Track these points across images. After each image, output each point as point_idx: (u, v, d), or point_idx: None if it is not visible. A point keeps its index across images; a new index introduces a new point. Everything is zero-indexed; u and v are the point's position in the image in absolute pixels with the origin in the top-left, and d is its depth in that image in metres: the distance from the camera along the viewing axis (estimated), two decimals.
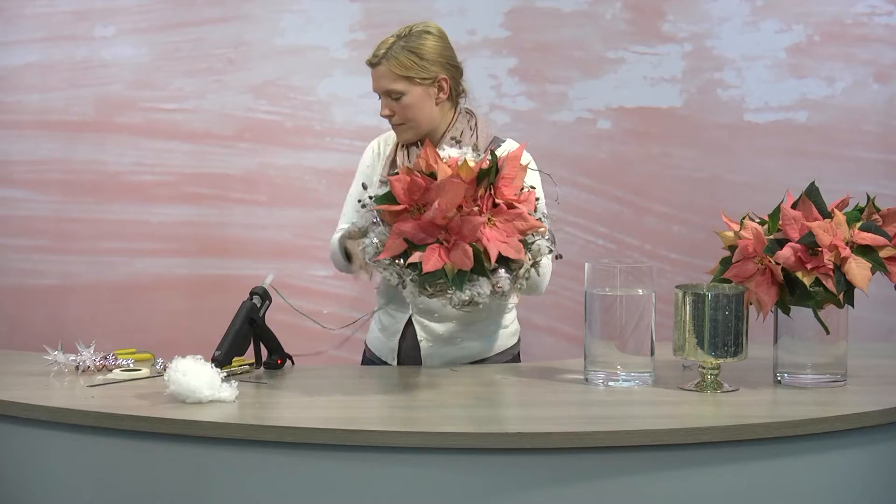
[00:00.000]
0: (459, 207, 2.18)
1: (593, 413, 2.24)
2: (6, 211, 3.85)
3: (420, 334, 2.69)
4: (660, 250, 3.80)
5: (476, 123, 2.70)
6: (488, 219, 2.20)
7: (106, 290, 3.84)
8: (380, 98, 2.66)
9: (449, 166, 2.21)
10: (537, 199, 2.32)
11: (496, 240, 2.19)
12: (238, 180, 3.82)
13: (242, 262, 3.83)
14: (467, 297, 2.19)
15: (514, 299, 2.74)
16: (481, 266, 2.18)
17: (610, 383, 2.38)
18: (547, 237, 2.29)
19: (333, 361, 3.73)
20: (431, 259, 2.17)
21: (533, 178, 2.62)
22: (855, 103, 3.74)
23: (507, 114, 3.78)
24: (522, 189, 2.28)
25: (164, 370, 2.28)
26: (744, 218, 2.44)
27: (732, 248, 2.42)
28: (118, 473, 2.17)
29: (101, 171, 3.82)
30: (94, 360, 2.51)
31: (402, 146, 2.70)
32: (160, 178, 3.82)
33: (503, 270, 2.21)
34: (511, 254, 2.20)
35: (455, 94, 2.68)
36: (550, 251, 2.30)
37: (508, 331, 2.76)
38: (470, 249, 2.17)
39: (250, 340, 2.50)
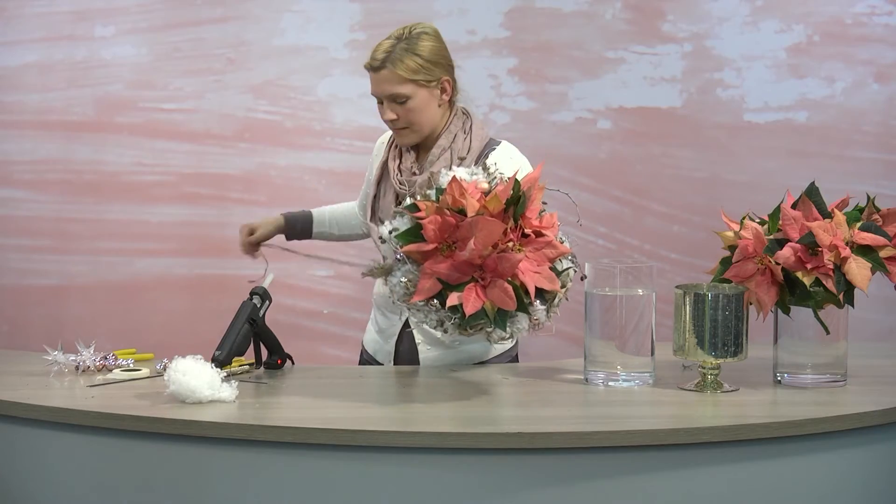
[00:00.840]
0: (495, 245, 2.11)
1: (593, 413, 2.24)
2: (6, 211, 3.85)
3: (418, 337, 2.68)
4: (660, 250, 3.80)
5: (471, 126, 2.68)
6: (518, 249, 2.14)
7: (106, 290, 3.84)
8: (380, 102, 2.62)
9: (477, 200, 2.13)
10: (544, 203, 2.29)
11: (531, 272, 2.13)
12: (238, 180, 3.82)
13: (242, 262, 3.82)
14: (508, 334, 2.15)
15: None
16: (521, 302, 2.12)
17: (610, 383, 2.38)
18: (570, 257, 2.25)
19: (333, 362, 3.74)
20: (470, 300, 2.10)
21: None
22: (855, 103, 3.74)
23: (507, 114, 3.78)
24: (543, 211, 2.23)
25: (164, 370, 2.28)
26: (744, 218, 2.44)
27: (732, 248, 2.42)
28: (118, 473, 2.17)
29: (101, 171, 3.82)
30: (94, 360, 2.51)
31: (395, 149, 2.69)
32: (160, 178, 3.83)
33: (539, 302, 2.17)
34: (546, 285, 2.15)
35: (453, 94, 2.67)
36: (575, 272, 2.26)
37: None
38: (510, 288, 2.10)
39: (250, 340, 2.50)
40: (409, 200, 2.23)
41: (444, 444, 2.03)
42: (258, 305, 2.52)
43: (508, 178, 2.21)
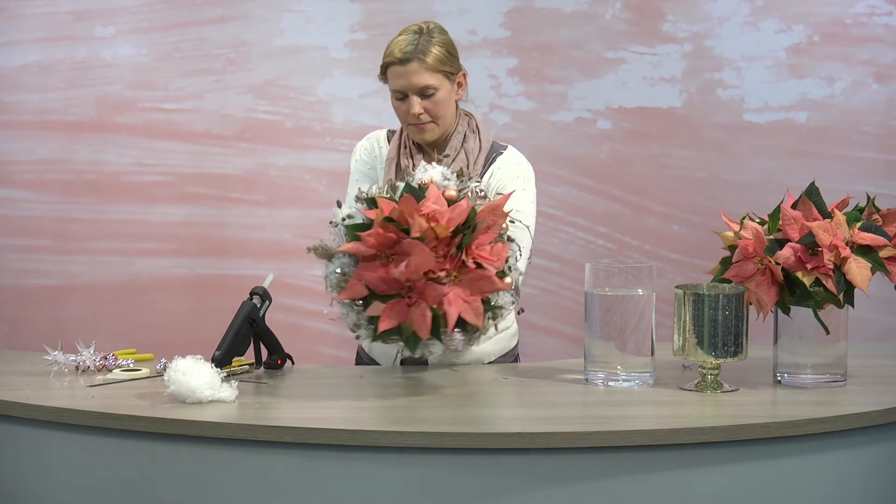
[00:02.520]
0: (427, 272, 2.12)
1: (593, 413, 2.24)
2: (6, 211, 3.85)
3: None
4: (660, 250, 3.80)
5: (476, 126, 2.69)
6: (454, 276, 2.15)
7: (106, 290, 3.84)
8: (401, 98, 2.59)
9: (426, 221, 2.13)
10: (513, 220, 2.27)
11: (458, 301, 2.14)
12: (238, 180, 3.82)
13: (242, 262, 3.83)
14: (418, 355, 2.19)
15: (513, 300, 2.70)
16: (436, 331, 2.15)
17: (610, 383, 2.38)
18: (511, 292, 2.24)
19: (333, 362, 3.74)
20: (386, 316, 2.13)
21: (528, 192, 2.62)
22: (855, 103, 3.74)
23: (507, 114, 3.78)
24: (501, 236, 2.22)
25: (164, 370, 2.28)
26: (744, 218, 2.44)
27: (732, 248, 2.42)
28: (118, 473, 2.17)
29: (101, 171, 3.82)
30: (94, 360, 2.51)
31: (406, 148, 2.68)
32: (160, 178, 3.83)
33: (458, 332, 2.20)
34: (470, 318, 2.15)
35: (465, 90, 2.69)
36: (514, 303, 2.27)
37: (509, 332, 2.76)
38: (429, 315, 2.12)
39: (250, 340, 2.50)
40: (374, 190, 2.25)
41: (444, 444, 2.03)
42: (258, 305, 2.52)
43: (479, 194, 2.23)
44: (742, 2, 3.74)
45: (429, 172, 2.25)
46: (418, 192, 2.21)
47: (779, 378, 2.41)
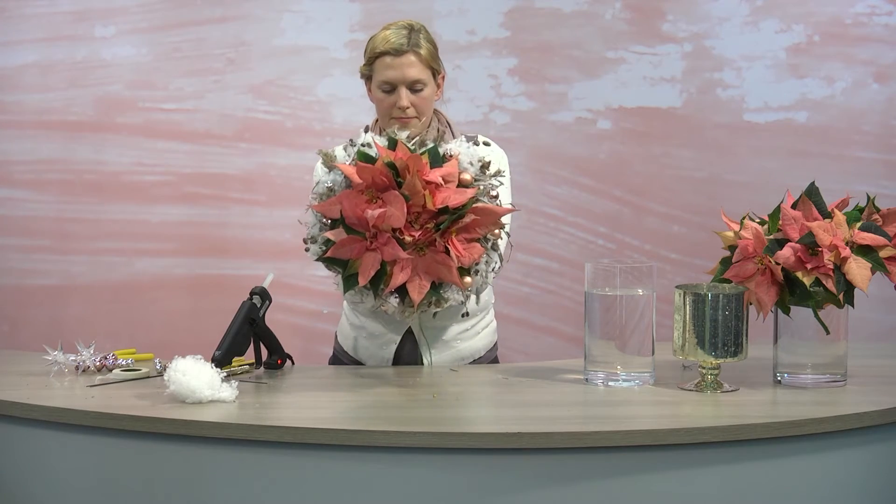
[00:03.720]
0: (394, 230, 2.20)
1: (593, 413, 2.24)
2: (6, 211, 3.85)
3: (421, 340, 2.67)
4: (660, 250, 3.80)
5: (447, 120, 2.69)
6: (420, 248, 2.23)
7: (106, 290, 3.84)
8: (390, 90, 2.58)
9: (422, 185, 2.20)
10: (499, 188, 2.33)
11: (409, 271, 2.22)
12: (238, 180, 3.82)
13: (242, 262, 3.83)
14: (344, 295, 2.28)
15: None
16: (376, 283, 2.24)
17: (610, 383, 2.38)
18: (465, 292, 2.31)
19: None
20: (343, 247, 2.22)
21: (505, 178, 2.62)
22: (855, 103, 3.74)
23: (507, 114, 3.78)
24: (486, 240, 2.29)
25: (164, 370, 2.28)
26: (744, 218, 2.44)
27: (732, 248, 2.42)
28: (118, 473, 2.17)
29: (101, 171, 3.82)
30: (94, 360, 2.51)
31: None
32: (160, 178, 3.83)
33: (394, 297, 2.27)
34: (412, 292, 2.24)
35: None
36: (463, 303, 2.34)
37: (492, 327, 2.78)
38: (377, 267, 2.21)
39: (250, 340, 2.50)
40: (403, 134, 2.30)
41: (444, 444, 2.03)
42: (258, 305, 2.52)
43: (490, 193, 2.27)
44: (742, 2, 3.74)
45: (461, 148, 2.29)
46: (440, 159, 2.24)
47: (779, 378, 2.41)
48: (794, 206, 2.38)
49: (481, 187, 2.26)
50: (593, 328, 2.39)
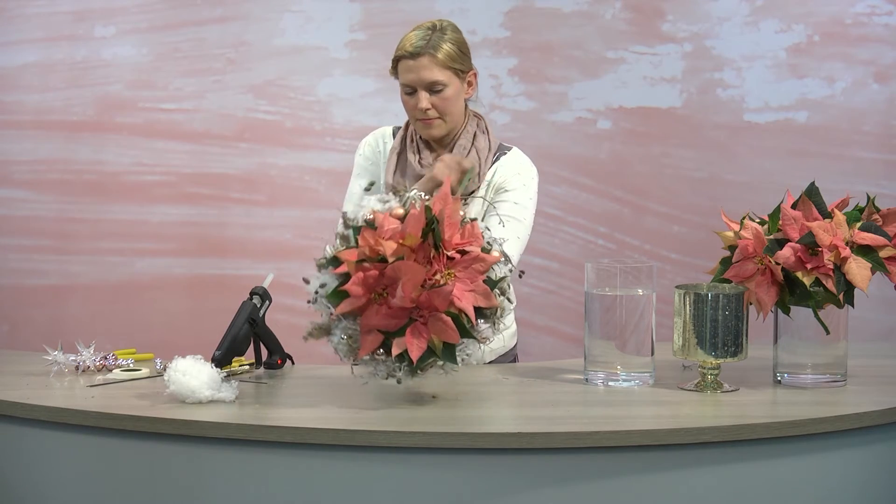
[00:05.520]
0: (423, 283, 2.09)
1: (593, 413, 2.24)
2: (6, 211, 3.85)
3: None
4: (660, 250, 3.80)
5: (486, 126, 2.70)
6: (448, 273, 2.12)
7: (106, 290, 3.84)
8: (410, 93, 2.59)
9: (394, 241, 2.10)
10: (501, 222, 2.27)
11: (465, 293, 2.12)
12: (238, 180, 3.82)
13: (242, 262, 3.83)
14: (460, 364, 2.15)
15: (512, 299, 2.68)
16: (463, 329, 2.12)
17: (610, 383, 2.38)
18: (503, 261, 2.21)
19: (332, 362, 3.74)
20: (414, 344, 2.10)
21: (528, 189, 2.62)
22: (855, 103, 3.74)
23: (507, 114, 3.79)
24: (463, 221, 2.18)
25: (164, 370, 2.28)
26: (744, 218, 2.44)
27: (732, 248, 2.42)
28: (118, 473, 2.17)
29: (101, 171, 3.83)
30: (94, 360, 2.51)
31: (413, 143, 2.69)
32: (160, 178, 3.83)
33: (481, 321, 2.17)
34: (483, 303, 2.14)
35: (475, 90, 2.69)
36: (511, 270, 2.23)
37: (509, 332, 2.77)
38: (449, 320, 2.10)
39: (250, 340, 2.50)
40: (329, 252, 2.18)
41: (444, 444, 2.03)
42: (258, 305, 2.52)
43: (422, 199, 2.18)
44: (742, 2, 3.74)
45: (365, 207, 2.19)
46: (372, 227, 2.16)
47: (779, 378, 2.41)
48: (794, 206, 2.38)
49: (414, 202, 2.18)
50: (593, 328, 2.39)
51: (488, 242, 2.20)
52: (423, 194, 2.23)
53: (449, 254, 2.14)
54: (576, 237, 3.79)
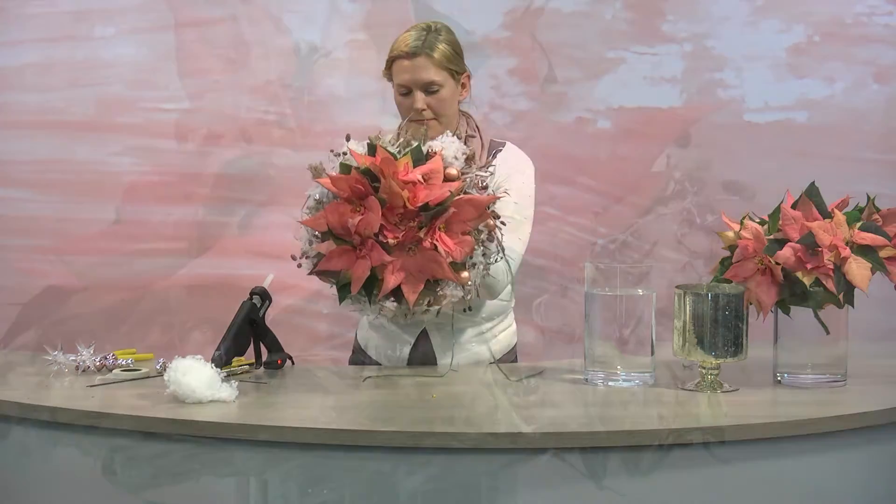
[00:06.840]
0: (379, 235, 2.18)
1: (593, 413, 2.24)
2: (6, 211, 3.85)
3: (435, 341, 2.67)
4: (660, 250, 3.80)
5: (476, 125, 2.70)
6: (409, 249, 2.21)
7: (106, 290, 3.83)
8: (405, 93, 2.60)
9: (401, 186, 2.19)
10: (504, 222, 2.32)
11: (400, 273, 2.21)
12: (238, 180, 3.82)
13: (242, 262, 3.83)
14: (342, 304, 2.25)
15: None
16: (369, 290, 2.23)
17: (610, 383, 2.38)
18: (465, 286, 2.28)
19: (332, 362, 3.74)
20: (333, 258, 2.21)
21: (528, 185, 2.63)
22: (855, 103, 3.74)
23: (507, 114, 3.78)
24: (479, 232, 2.28)
25: (164, 370, 2.28)
26: (744, 218, 2.44)
27: (732, 248, 2.42)
28: (118, 473, 2.17)
29: (101, 171, 3.82)
30: (94, 360, 2.51)
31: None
32: (160, 178, 3.82)
33: (392, 301, 2.25)
34: (407, 292, 2.22)
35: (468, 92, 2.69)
36: (466, 296, 2.30)
37: (509, 332, 2.77)
38: (367, 273, 2.20)
39: (250, 340, 2.50)
40: (387, 139, 2.28)
41: (444, 444, 2.03)
42: (258, 305, 2.52)
43: (480, 184, 2.26)
44: (742, 2, 3.74)
45: (445, 144, 2.28)
46: (423, 157, 2.23)
47: (779, 378, 2.41)
48: (794, 206, 2.38)
49: (467, 180, 2.26)
50: (593, 328, 2.39)
51: (472, 264, 2.27)
52: (486, 182, 2.30)
53: (424, 238, 2.20)
54: (576, 237, 3.79)
